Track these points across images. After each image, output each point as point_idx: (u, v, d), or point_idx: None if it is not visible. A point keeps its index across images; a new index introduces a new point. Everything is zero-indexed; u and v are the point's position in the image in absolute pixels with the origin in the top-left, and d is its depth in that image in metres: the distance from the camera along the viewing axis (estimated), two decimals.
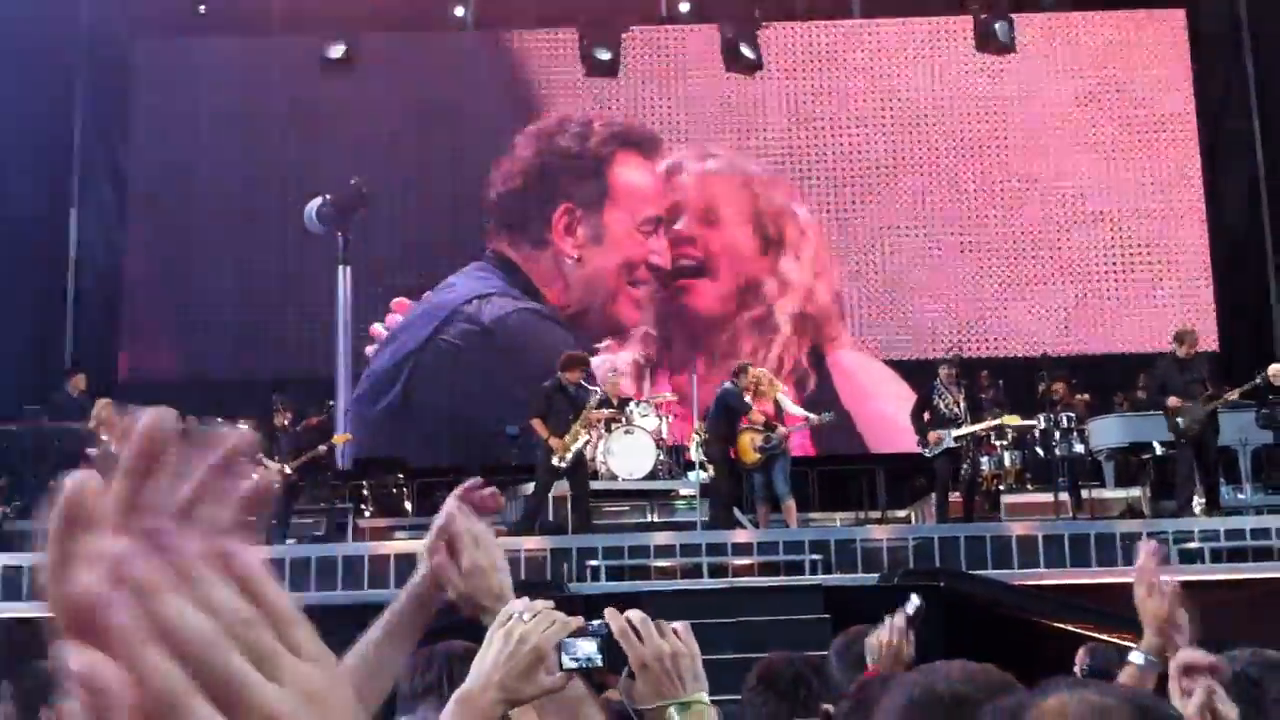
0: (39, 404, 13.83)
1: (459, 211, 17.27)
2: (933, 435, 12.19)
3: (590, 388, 11.90)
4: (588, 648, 2.03)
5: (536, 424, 11.67)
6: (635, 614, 2.05)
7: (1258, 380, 11.58)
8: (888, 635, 3.67)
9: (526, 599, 2.10)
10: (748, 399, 11.90)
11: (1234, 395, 11.57)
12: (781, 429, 11.95)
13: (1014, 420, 12.37)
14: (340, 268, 16.50)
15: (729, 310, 16.72)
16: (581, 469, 11.77)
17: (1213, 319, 16.48)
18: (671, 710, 2.01)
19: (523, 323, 16.39)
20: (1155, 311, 16.58)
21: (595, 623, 2.05)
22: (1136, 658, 2.99)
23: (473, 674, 2.06)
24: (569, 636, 2.02)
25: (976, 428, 12.16)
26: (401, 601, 2.18)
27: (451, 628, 2.22)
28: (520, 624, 2.01)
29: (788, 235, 16.91)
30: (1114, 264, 16.98)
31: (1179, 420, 11.57)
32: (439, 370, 16.33)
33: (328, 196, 16.52)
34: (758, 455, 11.84)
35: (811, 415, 12.52)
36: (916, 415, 12.47)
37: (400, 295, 16.81)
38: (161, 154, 17.39)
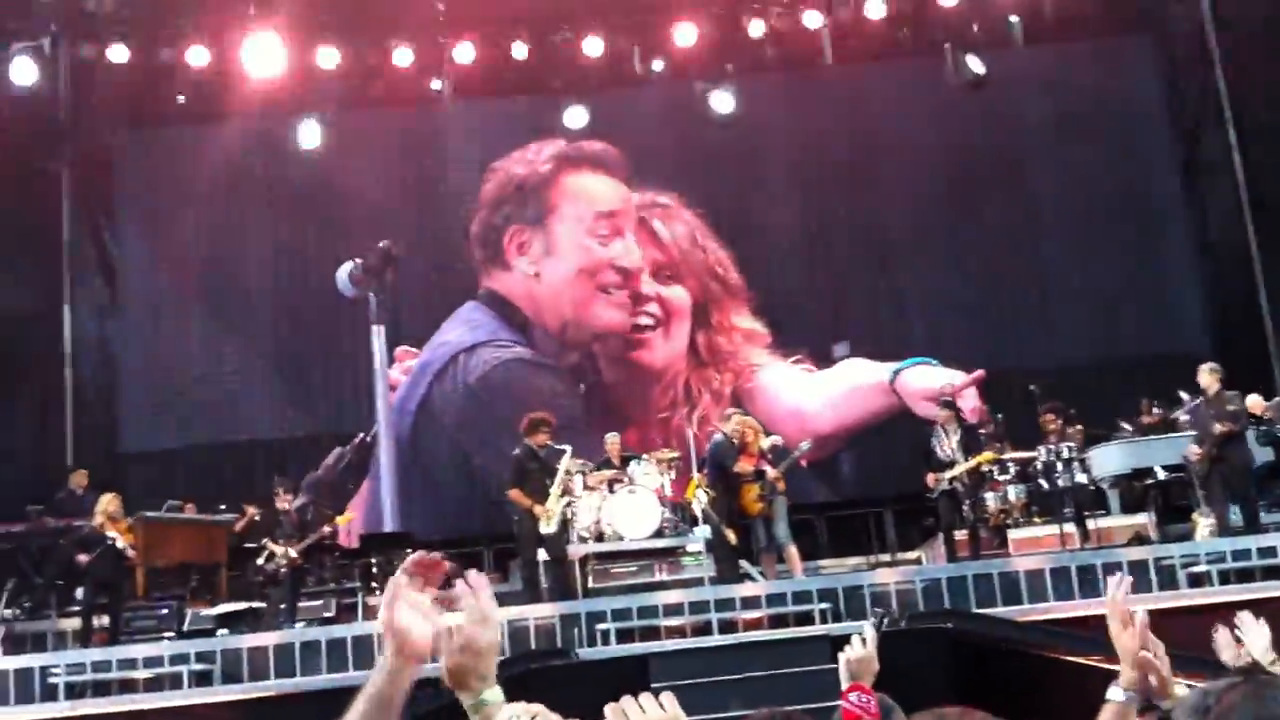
0: (41, 503, 13.83)
1: (448, 274, 17.47)
2: (930, 478, 12.24)
3: (559, 447, 11.92)
4: None
5: (515, 494, 11.70)
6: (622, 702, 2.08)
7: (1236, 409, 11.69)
8: (858, 651, 3.68)
9: (524, 703, 2.11)
10: (736, 444, 11.99)
11: (1227, 432, 11.61)
12: (771, 471, 11.97)
13: (988, 459, 12.34)
14: (375, 328, 16.84)
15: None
16: (556, 534, 11.77)
17: (1198, 326, 16.92)
18: None
19: (508, 376, 16.61)
20: (1148, 321, 16.96)
21: None
22: (1115, 694, 2.97)
23: None
24: None
25: (961, 468, 12.18)
26: (377, 684, 2.11)
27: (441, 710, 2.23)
28: None
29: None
30: (1100, 277, 17.11)
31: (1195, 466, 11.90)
32: (438, 434, 16.54)
33: (358, 260, 16.85)
34: (761, 504, 11.87)
35: (793, 451, 12.52)
36: (925, 461, 12.54)
37: (406, 345, 17.07)
38: (150, 242, 17.55)
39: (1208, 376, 11.87)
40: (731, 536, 11.86)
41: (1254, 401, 12.66)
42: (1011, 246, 17.35)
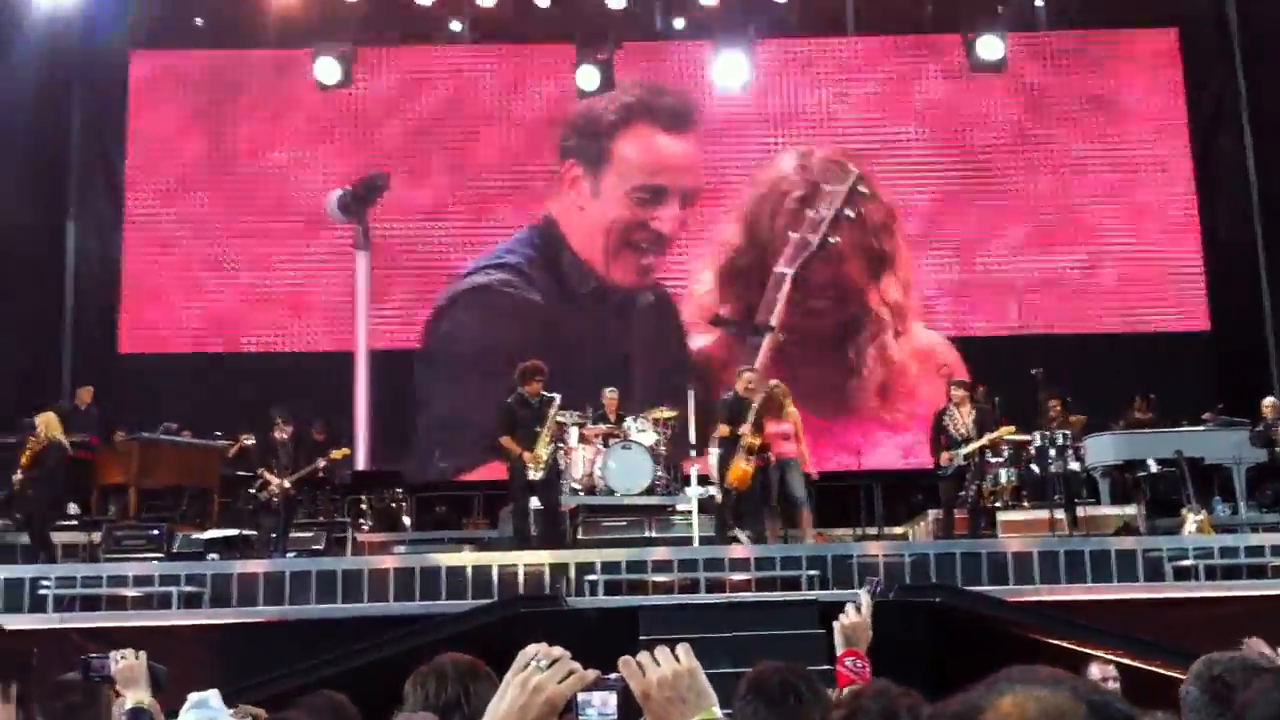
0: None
1: (455, 218, 17.52)
2: (944, 456, 12.28)
3: (550, 395, 11.94)
4: (604, 700, 2.02)
5: (506, 441, 11.77)
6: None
7: None
8: (852, 618, 3.73)
9: (544, 644, 2.09)
10: (747, 401, 11.99)
11: None
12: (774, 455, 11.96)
13: (1009, 432, 12.39)
14: (358, 253, 17.22)
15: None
16: (550, 483, 11.82)
17: (1205, 315, 17.12)
18: None
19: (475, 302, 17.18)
20: (1151, 309, 17.21)
21: (611, 675, 2.04)
22: None
23: (486, 717, 2.04)
24: (585, 689, 2.03)
25: (977, 444, 12.21)
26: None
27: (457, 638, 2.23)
28: (537, 673, 2.00)
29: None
30: (1106, 262, 17.29)
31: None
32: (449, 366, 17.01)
33: (347, 188, 17.22)
34: (742, 474, 11.94)
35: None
36: (934, 437, 12.58)
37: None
38: (159, 164, 17.49)
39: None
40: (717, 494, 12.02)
41: (1268, 403, 13.03)
42: (1020, 226, 17.37)
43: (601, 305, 17.17)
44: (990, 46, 16.96)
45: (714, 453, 12.15)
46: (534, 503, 11.99)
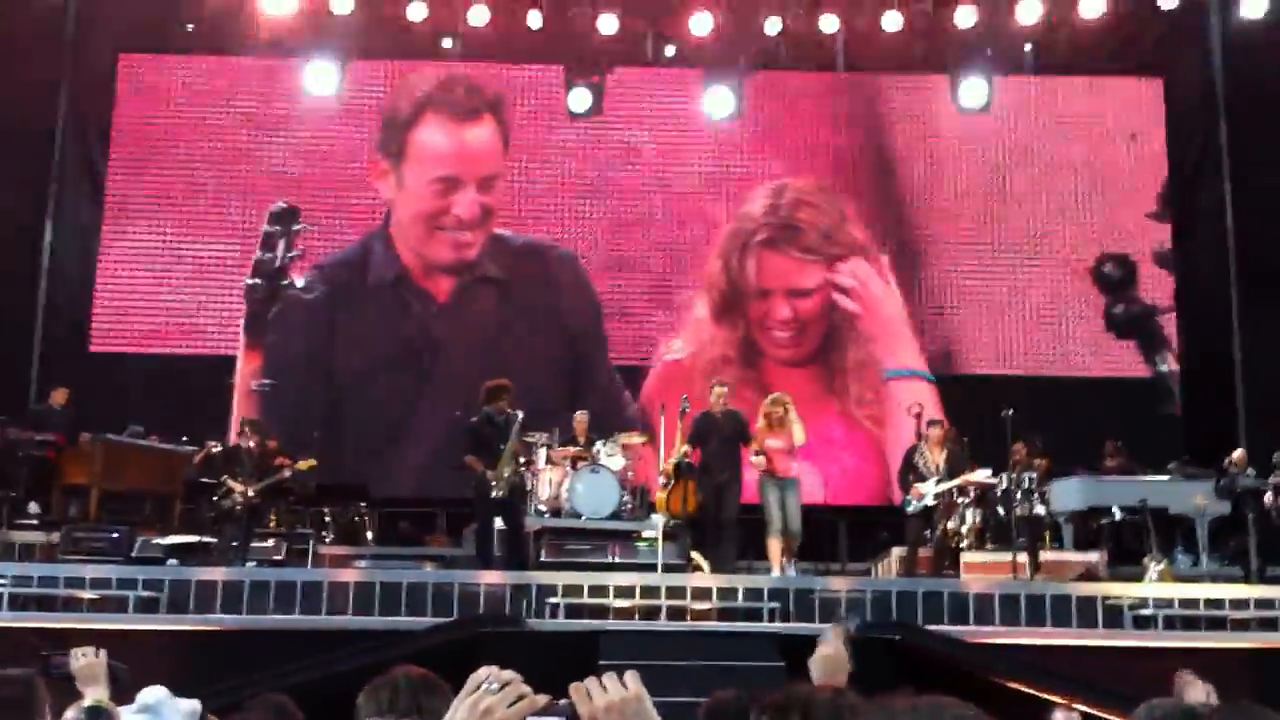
0: (5, 415, 13.77)
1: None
2: (914, 491, 12.33)
3: (513, 412, 11.88)
4: None
5: (471, 460, 11.69)
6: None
7: None
8: (830, 649, 3.73)
9: (495, 667, 2.11)
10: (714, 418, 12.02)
11: None
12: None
13: (981, 476, 12.41)
14: None
15: None
16: (515, 503, 11.79)
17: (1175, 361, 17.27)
18: None
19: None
20: (1121, 352, 17.37)
21: (561, 701, 2.06)
22: None
23: None
24: (535, 714, 2.03)
25: (948, 484, 12.23)
26: None
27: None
28: (487, 695, 2.02)
29: None
30: (1082, 308, 17.45)
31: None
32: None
33: None
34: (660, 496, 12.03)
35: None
36: (903, 473, 12.62)
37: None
38: (141, 168, 17.42)
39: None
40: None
41: (1237, 455, 13.12)
42: (995, 265, 17.48)
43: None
44: (975, 89, 17.10)
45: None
46: (499, 522, 11.94)
